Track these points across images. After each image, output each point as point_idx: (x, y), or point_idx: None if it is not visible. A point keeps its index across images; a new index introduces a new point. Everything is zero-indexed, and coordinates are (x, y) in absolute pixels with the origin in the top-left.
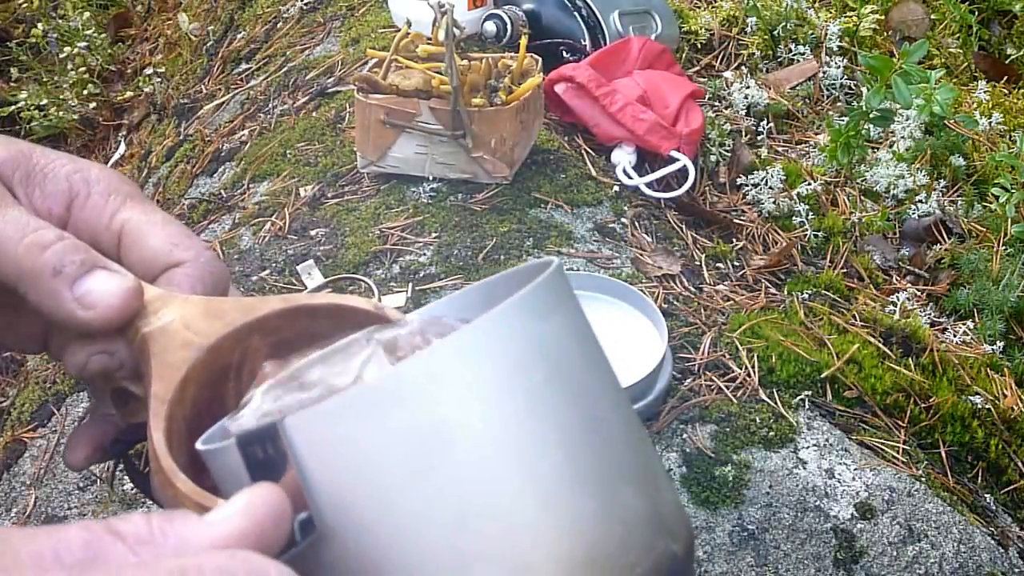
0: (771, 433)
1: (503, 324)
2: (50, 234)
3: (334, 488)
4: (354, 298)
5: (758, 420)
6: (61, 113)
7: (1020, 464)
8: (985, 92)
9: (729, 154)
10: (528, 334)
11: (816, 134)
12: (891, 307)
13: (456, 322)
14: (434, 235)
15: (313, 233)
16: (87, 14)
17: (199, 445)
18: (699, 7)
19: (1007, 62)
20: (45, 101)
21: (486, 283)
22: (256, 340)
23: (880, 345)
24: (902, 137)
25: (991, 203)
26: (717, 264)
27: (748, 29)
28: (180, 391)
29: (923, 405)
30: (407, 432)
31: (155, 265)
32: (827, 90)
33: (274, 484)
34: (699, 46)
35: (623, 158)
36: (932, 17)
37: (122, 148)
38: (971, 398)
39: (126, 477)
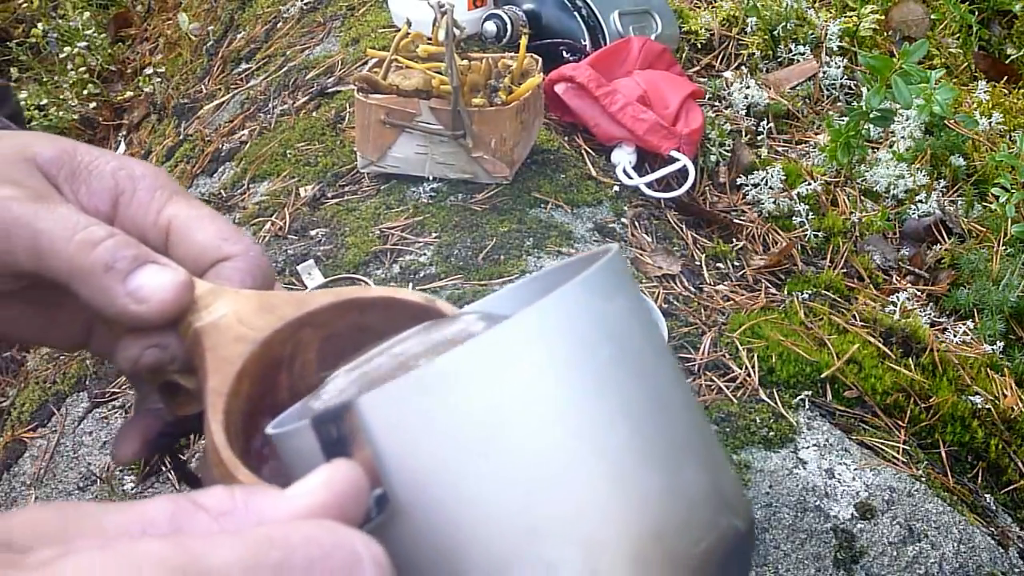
0: (771, 433)
1: (570, 302)
2: (100, 231)
3: (408, 464)
4: (407, 291)
5: (758, 420)
6: (61, 113)
7: (1020, 464)
8: (985, 92)
9: (729, 154)
10: (593, 313)
11: (816, 134)
12: (891, 307)
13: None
14: (434, 235)
15: (313, 233)
16: (87, 14)
17: (270, 429)
18: (699, 7)
19: (1007, 62)
20: (45, 101)
21: (541, 275)
22: (307, 334)
23: (880, 345)
24: (902, 137)
25: (991, 203)
26: (717, 264)
27: (748, 29)
28: (236, 385)
29: (923, 405)
30: (479, 409)
31: (204, 260)
32: (827, 90)
33: (351, 461)
34: (699, 46)
35: (623, 158)
36: (932, 17)
37: (122, 148)
38: (971, 398)
39: (126, 477)
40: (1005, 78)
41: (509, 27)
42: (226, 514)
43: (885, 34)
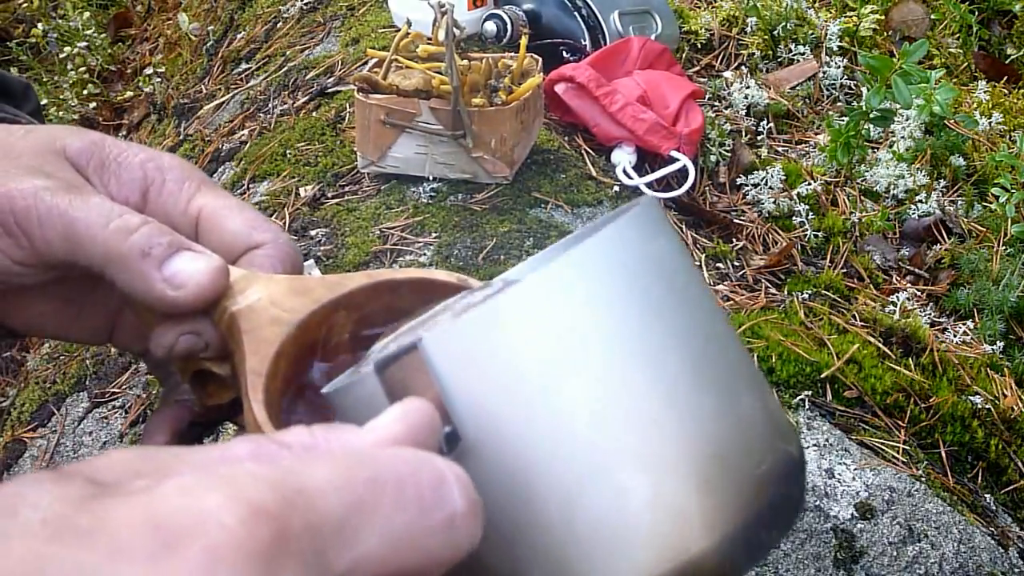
0: None
1: (618, 240)
2: (135, 218)
3: (475, 401)
4: (438, 272)
5: None
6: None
7: (1020, 464)
8: (985, 92)
9: (729, 154)
10: (643, 250)
11: (816, 134)
12: (891, 307)
13: None
14: (434, 235)
15: (313, 233)
16: (87, 14)
17: (327, 390)
18: (699, 7)
19: (1007, 62)
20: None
21: (568, 239)
22: (342, 316)
23: (880, 345)
24: (902, 137)
25: (991, 203)
26: (717, 264)
27: (748, 29)
28: (273, 366)
29: (923, 405)
30: (541, 342)
31: (235, 247)
32: (827, 90)
33: (419, 399)
34: (699, 46)
35: (623, 158)
36: (932, 17)
37: None
38: (971, 398)
39: None
40: (1005, 78)
41: (509, 27)
42: (309, 450)
43: (885, 34)
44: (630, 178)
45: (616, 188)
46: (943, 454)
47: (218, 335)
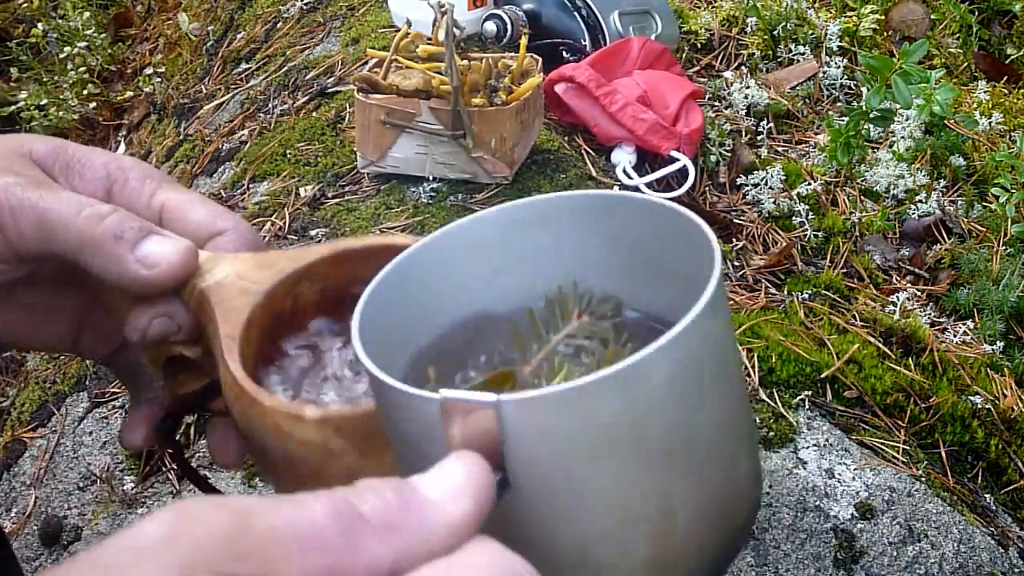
0: (771, 433)
1: (692, 334)
2: (104, 207)
3: (532, 461)
4: (398, 237)
5: (758, 420)
6: (61, 113)
7: (1020, 464)
8: (985, 92)
9: (729, 154)
10: (705, 334)
11: (816, 134)
12: (891, 307)
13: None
14: None
15: (313, 233)
16: (87, 14)
17: (381, 375)
18: (699, 7)
19: (1007, 62)
20: (45, 101)
21: (542, 204)
22: (305, 287)
23: (880, 345)
24: (902, 137)
25: (991, 203)
26: None
27: (748, 29)
28: (245, 332)
29: (923, 405)
30: (604, 424)
31: (199, 236)
32: (827, 90)
33: (477, 455)
34: (699, 46)
35: (623, 158)
36: (932, 17)
37: (122, 148)
38: (971, 398)
39: (127, 477)
40: (1005, 78)
41: (509, 27)
42: (392, 529)
43: (885, 34)
44: (630, 178)
45: (616, 188)
46: (943, 454)
47: (189, 318)
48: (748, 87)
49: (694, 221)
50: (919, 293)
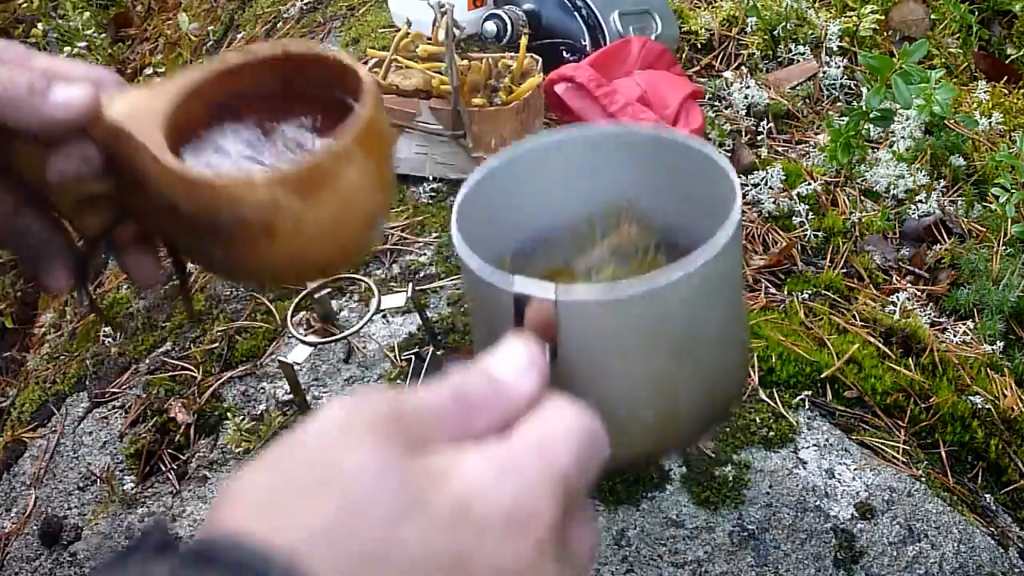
0: (771, 433)
1: (722, 257)
2: (4, 69)
3: (575, 341)
4: (297, 42)
5: (758, 420)
6: None
7: (1020, 464)
8: (985, 92)
9: (729, 154)
10: (725, 258)
11: (816, 134)
12: (891, 307)
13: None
14: (434, 235)
15: None
16: (87, 14)
17: (475, 264)
18: (699, 7)
19: (1007, 62)
20: None
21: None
22: (195, 103)
23: (880, 345)
24: (902, 137)
25: (991, 203)
26: None
27: (748, 29)
28: (165, 140)
29: (923, 405)
30: (633, 324)
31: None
32: (827, 90)
33: (533, 337)
34: (699, 46)
35: None
36: (932, 17)
37: None
38: (971, 398)
39: (126, 477)
40: (1005, 78)
41: (509, 27)
42: (490, 406)
43: (885, 34)
44: None
45: None
46: (943, 454)
47: (99, 154)
48: (748, 87)
49: (718, 163)
50: (919, 293)
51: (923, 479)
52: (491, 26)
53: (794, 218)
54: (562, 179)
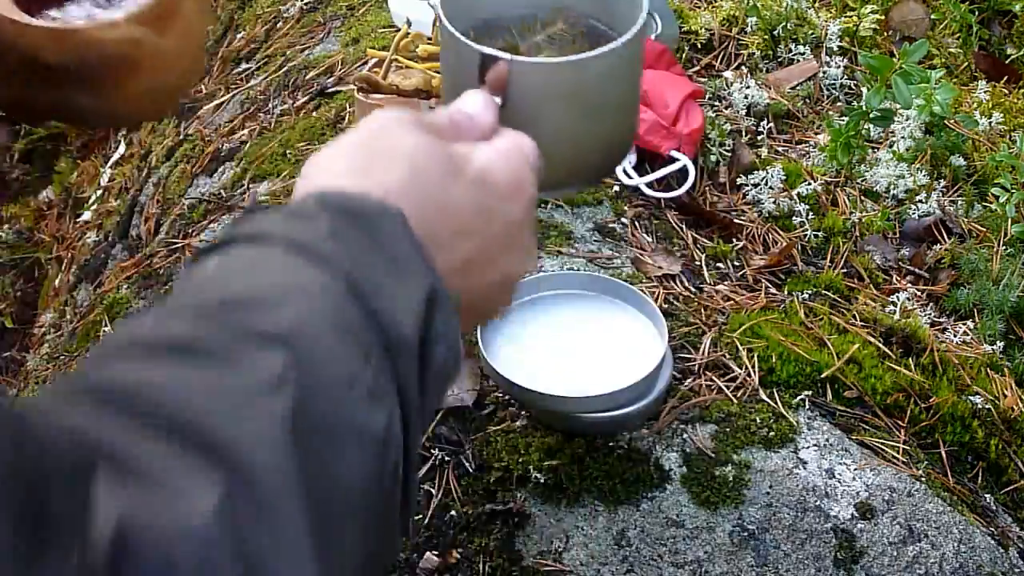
0: (771, 433)
1: (622, 47)
2: None
3: (520, 94)
4: None
5: (758, 420)
6: None
7: (1020, 464)
8: (985, 92)
9: (729, 154)
10: (630, 49)
11: (816, 134)
12: (891, 307)
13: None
14: None
15: None
16: None
17: (456, 33)
18: (699, 7)
19: (1007, 62)
20: None
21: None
22: None
23: (880, 345)
24: (902, 137)
25: (991, 203)
26: (717, 264)
27: (748, 29)
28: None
29: (923, 405)
30: (559, 85)
31: None
32: (827, 90)
33: (486, 90)
34: (699, 46)
35: None
36: (932, 17)
37: (122, 148)
38: (971, 398)
39: None
40: (1005, 78)
41: None
42: (469, 128)
43: (885, 34)
44: (630, 178)
45: (616, 188)
46: (943, 454)
47: None
48: (748, 87)
49: None
50: (919, 293)
51: (923, 479)
52: None
53: (794, 218)
54: None
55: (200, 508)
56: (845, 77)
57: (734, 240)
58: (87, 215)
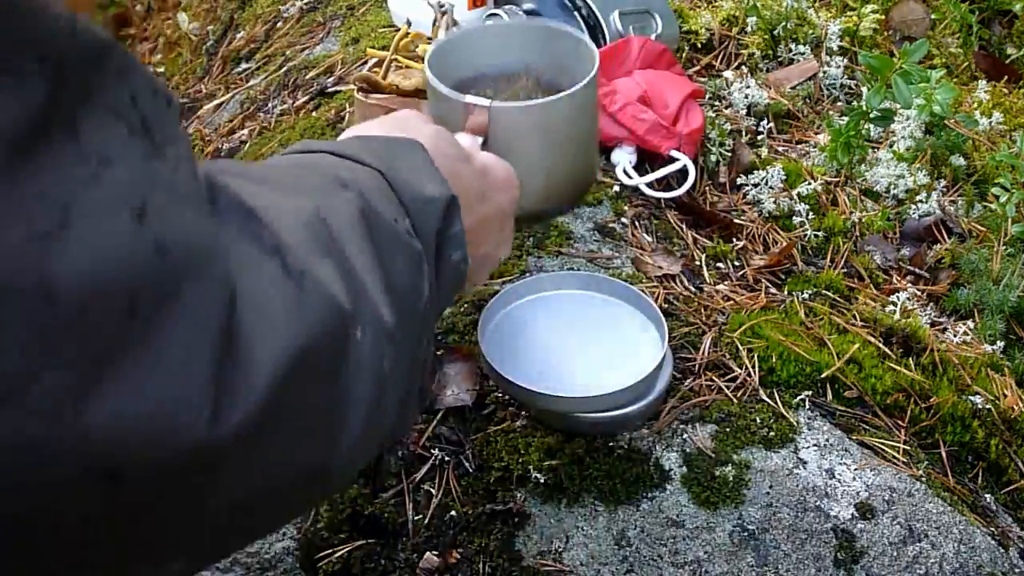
0: (771, 433)
1: (583, 91)
2: None
3: (498, 134)
4: None
5: (758, 420)
6: None
7: (1020, 464)
8: (985, 92)
9: (729, 154)
10: (585, 95)
11: (816, 134)
12: (891, 307)
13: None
14: None
15: None
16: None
17: (440, 86)
18: (699, 7)
19: (1007, 62)
20: None
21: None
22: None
23: (880, 345)
24: (902, 137)
25: (991, 203)
26: (717, 264)
27: (748, 29)
28: None
29: (923, 405)
30: (530, 124)
31: None
32: (827, 90)
33: (472, 134)
34: (699, 46)
35: (623, 158)
36: (932, 17)
37: None
38: (971, 398)
39: None
40: (1005, 78)
41: None
42: (469, 155)
43: (885, 34)
44: (630, 177)
45: (616, 188)
46: (943, 454)
47: None
48: (748, 87)
49: (588, 44)
50: (919, 293)
51: (923, 479)
52: None
53: (794, 218)
54: (494, 48)
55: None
56: (845, 77)
57: (734, 240)
58: None
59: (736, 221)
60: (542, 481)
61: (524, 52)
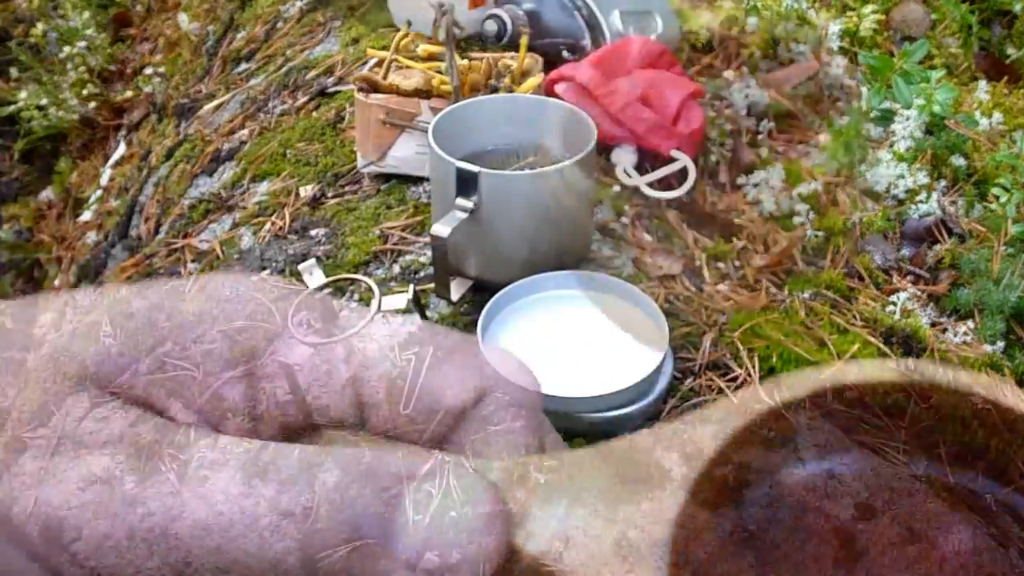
0: (771, 433)
1: (583, 160)
2: None
3: (487, 199)
4: None
5: (758, 420)
6: (61, 113)
7: (1020, 464)
8: (985, 92)
9: (729, 154)
10: (579, 168)
11: (816, 134)
12: (891, 307)
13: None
14: None
15: (313, 233)
16: (87, 14)
17: (443, 154)
18: (699, 7)
19: (1007, 62)
20: (45, 101)
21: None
22: None
23: (880, 345)
24: (902, 137)
25: (991, 203)
26: (717, 264)
27: (748, 29)
28: None
29: (923, 405)
30: (520, 192)
31: None
32: (827, 90)
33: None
34: (699, 46)
35: (623, 158)
36: (932, 17)
37: (122, 148)
38: (971, 398)
39: (127, 477)
40: (1005, 78)
41: (509, 27)
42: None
43: (885, 34)
44: (630, 177)
45: (616, 188)
46: (943, 454)
47: None
48: (748, 87)
49: (587, 120)
50: (919, 293)
51: (923, 479)
52: (491, 26)
53: (794, 218)
54: (497, 122)
55: None
56: (845, 77)
57: (734, 240)
58: (87, 215)
59: (736, 221)
60: (542, 481)
61: (527, 127)
